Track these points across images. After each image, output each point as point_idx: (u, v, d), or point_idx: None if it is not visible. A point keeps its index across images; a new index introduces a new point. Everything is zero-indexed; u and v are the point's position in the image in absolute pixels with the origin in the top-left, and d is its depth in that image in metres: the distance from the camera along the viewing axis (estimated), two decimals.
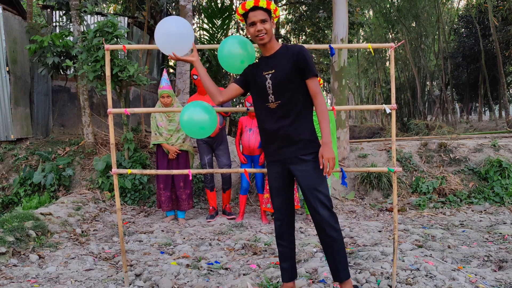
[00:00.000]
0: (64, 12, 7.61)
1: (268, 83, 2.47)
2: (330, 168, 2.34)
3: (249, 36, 2.54)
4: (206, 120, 2.69)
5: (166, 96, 4.89)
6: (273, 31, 2.53)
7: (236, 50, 2.64)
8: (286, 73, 2.44)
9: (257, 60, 2.68)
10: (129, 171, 2.92)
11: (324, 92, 17.90)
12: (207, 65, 9.69)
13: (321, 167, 2.35)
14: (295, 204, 4.93)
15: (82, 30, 6.93)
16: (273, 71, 2.48)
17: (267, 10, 2.45)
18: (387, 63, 22.70)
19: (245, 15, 2.49)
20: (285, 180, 2.57)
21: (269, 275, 3.10)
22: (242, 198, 5.21)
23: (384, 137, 10.36)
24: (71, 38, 6.98)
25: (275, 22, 2.55)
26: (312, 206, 2.44)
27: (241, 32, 15.37)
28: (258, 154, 5.07)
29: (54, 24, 8.50)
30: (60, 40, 6.75)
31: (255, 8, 2.42)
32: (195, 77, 5.11)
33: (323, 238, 2.48)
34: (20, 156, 6.89)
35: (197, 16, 14.83)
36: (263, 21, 2.43)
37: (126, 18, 9.32)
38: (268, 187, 4.89)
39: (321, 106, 2.43)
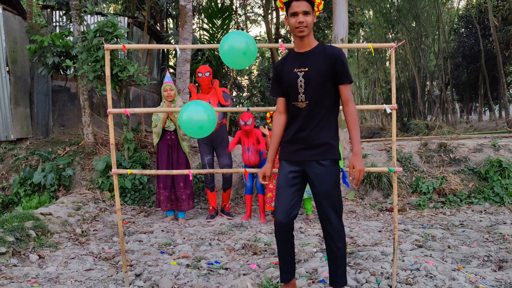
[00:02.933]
0: (64, 12, 7.61)
1: (300, 81, 2.37)
2: (359, 180, 2.31)
3: (286, 26, 2.49)
4: (205, 120, 2.69)
5: (169, 89, 4.96)
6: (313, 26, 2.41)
7: (237, 43, 2.60)
8: (321, 74, 2.34)
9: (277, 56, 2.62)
10: (129, 171, 2.92)
11: None
12: (207, 65, 9.69)
13: (350, 177, 2.32)
14: None
15: (82, 30, 6.93)
16: (307, 69, 2.36)
17: (311, 2, 2.33)
18: (387, 63, 22.69)
19: (287, 4, 2.35)
20: (297, 180, 2.48)
21: (269, 275, 3.10)
22: (248, 198, 5.23)
23: (384, 137, 10.36)
24: (71, 38, 6.98)
25: (316, 16, 2.42)
26: (324, 212, 2.40)
27: None
28: (260, 165, 5.16)
29: (54, 24, 8.50)
30: (60, 40, 6.75)
31: None
32: (199, 75, 5.11)
33: (329, 245, 2.45)
34: (20, 156, 6.89)
35: (197, 16, 14.84)
36: (306, 13, 2.30)
37: (126, 18, 9.33)
38: (270, 186, 4.92)
39: (352, 113, 2.35)
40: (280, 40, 13.71)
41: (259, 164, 5.14)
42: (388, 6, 17.75)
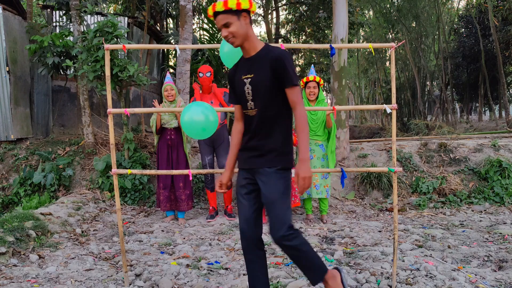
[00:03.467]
0: (64, 12, 7.61)
1: (247, 88, 2.27)
2: (304, 188, 2.14)
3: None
4: (207, 121, 2.68)
5: (169, 89, 5.02)
6: (248, 27, 2.24)
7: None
8: (265, 79, 2.22)
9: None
10: (129, 171, 2.92)
11: (324, 92, 17.89)
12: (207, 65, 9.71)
13: (295, 186, 2.14)
14: (296, 201, 4.91)
15: (82, 30, 6.93)
16: (252, 75, 2.25)
17: (231, 11, 2.19)
18: (387, 63, 22.69)
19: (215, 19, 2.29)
20: (252, 188, 2.36)
21: (269, 275, 3.10)
22: None
23: (384, 137, 10.36)
24: (71, 38, 6.98)
25: (250, 16, 2.25)
26: (272, 221, 2.24)
27: None
28: None
29: (54, 24, 8.50)
30: (60, 40, 6.75)
31: (217, 13, 2.22)
32: (200, 75, 5.12)
33: (286, 252, 2.30)
34: (20, 156, 6.89)
35: (197, 16, 14.84)
36: (226, 25, 2.20)
37: (126, 18, 9.33)
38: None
39: (300, 118, 2.18)
40: (280, 40, 13.71)
41: None
42: (388, 6, 17.75)
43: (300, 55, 16.00)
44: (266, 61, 2.22)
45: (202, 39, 11.90)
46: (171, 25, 14.55)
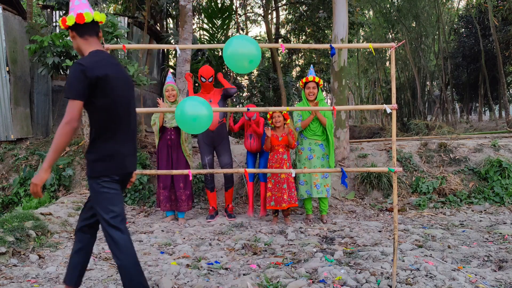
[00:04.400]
0: (64, 12, 7.61)
1: None
2: (33, 193, 2.25)
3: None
4: (199, 113, 2.69)
5: (171, 89, 5.09)
6: (76, 41, 2.36)
7: (244, 50, 2.60)
8: None
9: None
10: None
11: (324, 92, 17.89)
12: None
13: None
14: (293, 202, 4.90)
15: None
16: None
17: (70, 28, 2.33)
18: (387, 63, 22.67)
19: None
20: None
21: (269, 275, 3.10)
22: (250, 186, 5.29)
23: (384, 137, 10.35)
24: None
25: (79, 30, 2.32)
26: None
27: (241, 32, 15.37)
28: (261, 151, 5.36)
29: (54, 24, 8.50)
30: (60, 40, 6.75)
31: None
32: (203, 80, 5.15)
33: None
34: (20, 156, 6.89)
35: (197, 16, 14.84)
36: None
37: (126, 18, 9.34)
38: (269, 185, 4.95)
39: (57, 130, 2.24)
40: (280, 40, 13.71)
41: (261, 150, 5.29)
42: (388, 6, 17.74)
43: (300, 55, 16.00)
44: None
45: (202, 39, 11.91)
46: (171, 25, 14.55)
